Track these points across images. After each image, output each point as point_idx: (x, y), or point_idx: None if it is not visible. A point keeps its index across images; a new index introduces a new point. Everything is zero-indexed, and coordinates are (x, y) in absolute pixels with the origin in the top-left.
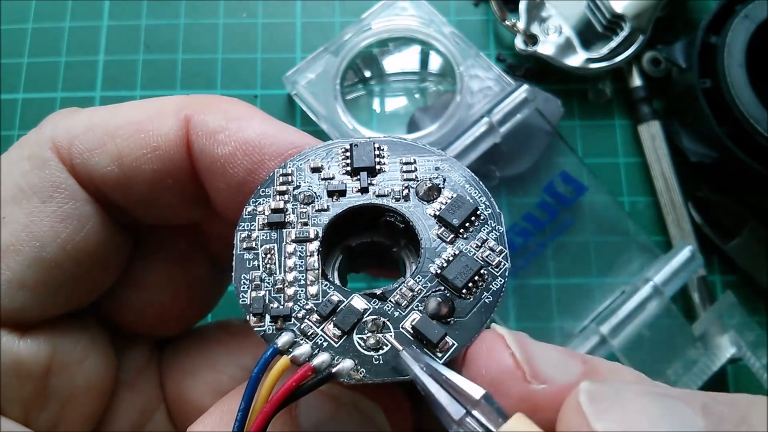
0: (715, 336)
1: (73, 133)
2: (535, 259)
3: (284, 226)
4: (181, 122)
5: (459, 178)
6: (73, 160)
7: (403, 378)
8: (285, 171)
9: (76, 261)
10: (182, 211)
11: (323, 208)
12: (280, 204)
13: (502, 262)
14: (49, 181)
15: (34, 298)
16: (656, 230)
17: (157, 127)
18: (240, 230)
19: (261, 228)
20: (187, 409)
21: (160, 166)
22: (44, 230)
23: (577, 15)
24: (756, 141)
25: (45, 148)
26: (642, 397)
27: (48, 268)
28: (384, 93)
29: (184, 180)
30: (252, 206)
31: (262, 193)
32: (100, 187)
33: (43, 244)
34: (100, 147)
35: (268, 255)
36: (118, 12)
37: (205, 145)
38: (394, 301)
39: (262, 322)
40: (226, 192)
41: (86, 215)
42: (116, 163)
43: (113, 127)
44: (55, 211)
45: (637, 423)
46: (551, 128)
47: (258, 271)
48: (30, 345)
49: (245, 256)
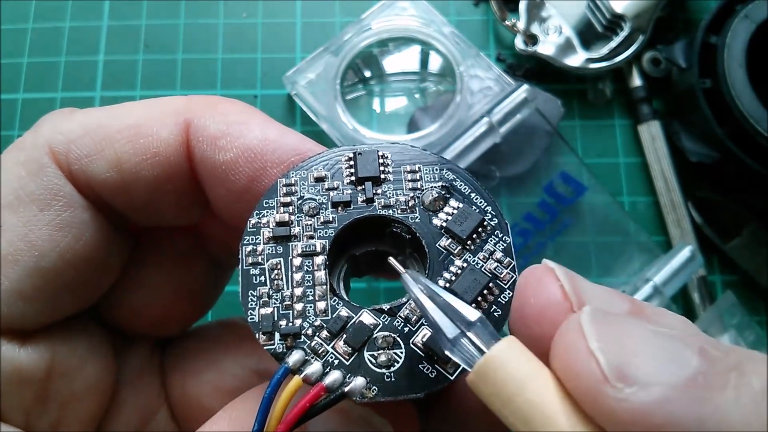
0: (715, 336)
1: (70, 138)
2: (535, 259)
3: (290, 240)
4: (181, 126)
5: (464, 187)
6: (71, 166)
7: (415, 395)
8: (288, 181)
9: (75, 268)
10: (181, 214)
11: (328, 220)
12: (285, 216)
13: (510, 275)
14: (47, 189)
15: (33, 306)
16: (656, 230)
17: (157, 131)
18: (245, 244)
19: (266, 242)
20: (190, 409)
21: (159, 172)
22: (43, 239)
23: (577, 15)
24: (756, 141)
25: (42, 153)
26: (643, 330)
27: (47, 277)
28: (384, 93)
29: (184, 184)
30: (256, 218)
31: (265, 204)
32: (98, 192)
33: (42, 254)
34: (98, 152)
35: (275, 270)
36: (118, 12)
37: (206, 151)
38: (403, 316)
39: (272, 341)
40: (226, 198)
41: (85, 222)
42: (115, 169)
43: (111, 132)
44: (54, 219)
45: (632, 350)
46: (551, 128)
47: (265, 287)
48: (30, 352)
49: (251, 271)
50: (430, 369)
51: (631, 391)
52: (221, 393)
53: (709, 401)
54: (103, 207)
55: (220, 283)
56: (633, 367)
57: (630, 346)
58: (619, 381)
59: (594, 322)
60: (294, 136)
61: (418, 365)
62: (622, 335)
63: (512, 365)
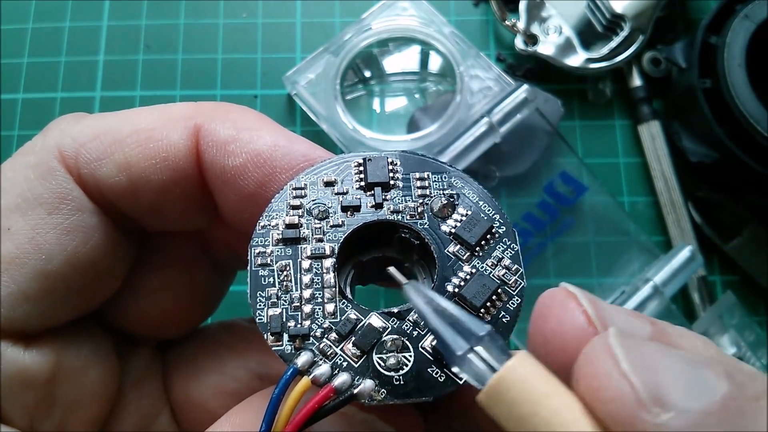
0: (715, 336)
1: (79, 142)
2: (535, 259)
3: (299, 242)
4: (191, 131)
5: (472, 194)
6: (80, 170)
7: (424, 399)
8: (298, 185)
9: (81, 272)
10: (189, 219)
11: (338, 223)
12: (294, 219)
13: (519, 281)
14: (56, 192)
15: (38, 309)
16: (656, 230)
17: (166, 135)
18: (254, 245)
19: (275, 243)
20: (192, 411)
21: (168, 176)
22: (50, 243)
23: (577, 15)
24: (756, 141)
25: (51, 157)
26: (671, 355)
27: (53, 281)
28: (384, 93)
29: (193, 189)
30: (265, 221)
31: (275, 207)
32: (107, 196)
33: (49, 257)
34: (107, 156)
35: (284, 272)
36: (118, 12)
37: (216, 155)
38: (412, 320)
39: (281, 341)
40: (235, 203)
41: (93, 226)
42: (124, 173)
43: (121, 136)
44: (62, 223)
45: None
46: (551, 128)
47: (274, 288)
48: (35, 355)
49: (260, 272)
50: (439, 373)
51: (669, 417)
52: (223, 395)
53: (742, 426)
54: (110, 210)
55: (223, 287)
56: (666, 391)
57: (661, 371)
58: (656, 406)
59: (623, 346)
60: (304, 143)
61: (427, 369)
62: (651, 360)
63: (527, 383)
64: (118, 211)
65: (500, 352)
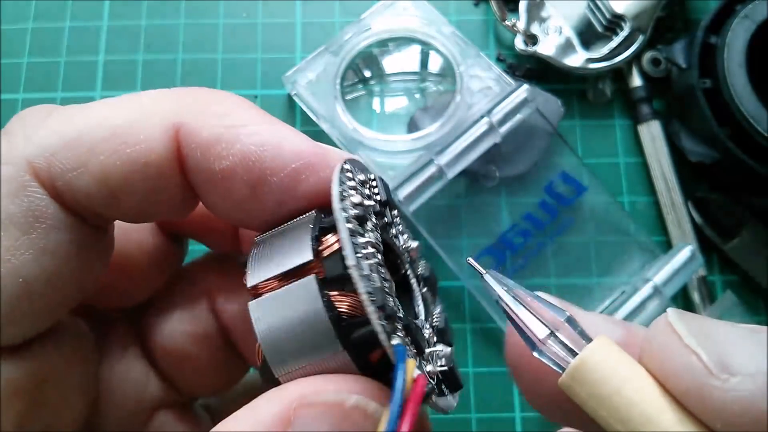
0: None
1: (50, 151)
2: (535, 259)
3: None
4: (171, 133)
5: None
6: (55, 182)
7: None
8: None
9: (62, 290)
10: (173, 214)
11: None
12: (359, 199)
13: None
14: (29, 211)
15: (17, 326)
16: (656, 230)
17: (144, 138)
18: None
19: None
20: (174, 361)
21: (150, 183)
22: (27, 266)
23: (577, 15)
24: (756, 141)
25: (21, 171)
26: (725, 325)
27: (31, 300)
28: (384, 93)
29: (177, 190)
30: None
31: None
32: (85, 205)
33: (27, 279)
34: (82, 166)
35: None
36: (118, 12)
37: (200, 159)
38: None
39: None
40: (225, 205)
41: (72, 241)
42: (102, 183)
43: (95, 141)
44: (38, 243)
45: (725, 343)
46: (551, 128)
47: (376, 275)
48: (16, 365)
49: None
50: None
51: (737, 380)
52: (194, 338)
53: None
54: (90, 215)
55: (181, 252)
56: (731, 358)
57: (722, 340)
58: (724, 372)
59: (682, 321)
60: (294, 138)
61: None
62: (712, 331)
63: (607, 365)
64: (99, 215)
65: (580, 336)
